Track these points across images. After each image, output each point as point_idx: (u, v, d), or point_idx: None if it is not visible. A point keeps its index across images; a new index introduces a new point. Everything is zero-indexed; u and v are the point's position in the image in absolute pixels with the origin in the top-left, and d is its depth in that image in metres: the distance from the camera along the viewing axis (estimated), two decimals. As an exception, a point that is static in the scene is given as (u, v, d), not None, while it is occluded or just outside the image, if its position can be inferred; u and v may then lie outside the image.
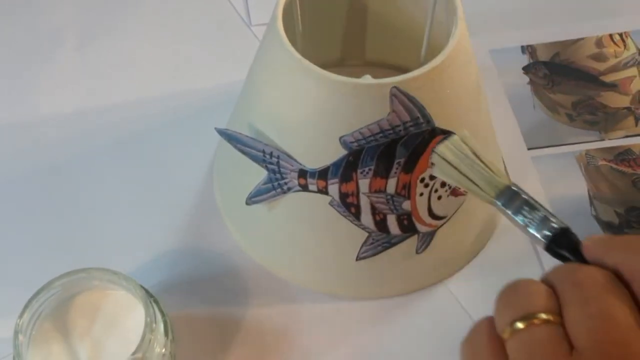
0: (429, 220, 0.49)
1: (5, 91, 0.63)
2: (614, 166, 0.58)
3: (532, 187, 0.57)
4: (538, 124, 0.61)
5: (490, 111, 0.61)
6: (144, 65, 0.64)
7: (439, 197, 0.48)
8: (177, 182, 0.58)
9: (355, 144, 0.45)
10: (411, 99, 0.44)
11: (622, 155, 0.59)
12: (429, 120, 0.45)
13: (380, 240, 0.49)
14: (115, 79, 0.63)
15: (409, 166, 0.46)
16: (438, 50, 0.46)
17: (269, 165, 0.48)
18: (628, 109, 0.61)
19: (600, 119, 0.61)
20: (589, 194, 0.57)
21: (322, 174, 0.47)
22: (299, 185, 0.48)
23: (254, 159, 0.48)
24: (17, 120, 0.61)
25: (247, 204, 0.50)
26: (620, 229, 0.55)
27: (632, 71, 0.64)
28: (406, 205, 0.48)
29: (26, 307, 0.45)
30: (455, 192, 0.49)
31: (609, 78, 0.63)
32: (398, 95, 0.44)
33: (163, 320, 0.47)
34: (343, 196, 0.47)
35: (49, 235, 0.55)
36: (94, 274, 0.46)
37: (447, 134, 0.46)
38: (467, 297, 0.53)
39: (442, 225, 0.50)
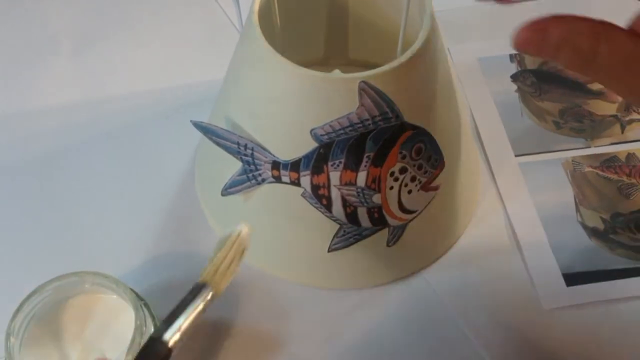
0: (399, 214, 0.50)
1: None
2: (600, 173, 0.59)
3: (520, 193, 0.58)
4: (525, 131, 0.62)
5: (479, 118, 0.62)
6: (136, 67, 0.65)
7: (409, 192, 0.49)
8: (167, 181, 0.58)
9: (326, 136, 0.46)
10: (379, 93, 0.45)
11: (608, 162, 0.60)
12: (397, 115, 0.46)
13: (351, 232, 0.50)
14: (108, 85, 0.64)
15: (379, 160, 0.47)
16: None
17: (243, 157, 0.49)
18: (614, 116, 0.62)
19: (587, 126, 0.62)
20: (575, 200, 0.58)
21: (294, 165, 0.48)
22: (273, 176, 0.49)
23: (229, 150, 0.49)
24: (6, 122, 0.62)
25: (222, 194, 0.51)
26: (605, 235, 0.56)
27: (619, 79, 0.64)
28: (376, 198, 0.49)
29: (18, 310, 0.46)
30: (425, 187, 0.50)
31: (595, 86, 0.64)
32: (366, 89, 0.44)
33: (153, 324, 0.47)
34: (315, 188, 0.48)
35: (41, 239, 0.56)
36: (85, 277, 0.47)
37: (416, 128, 0.47)
38: (444, 287, 0.54)
39: (413, 219, 0.51)
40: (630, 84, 0.38)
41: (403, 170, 0.48)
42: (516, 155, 0.60)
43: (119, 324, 0.47)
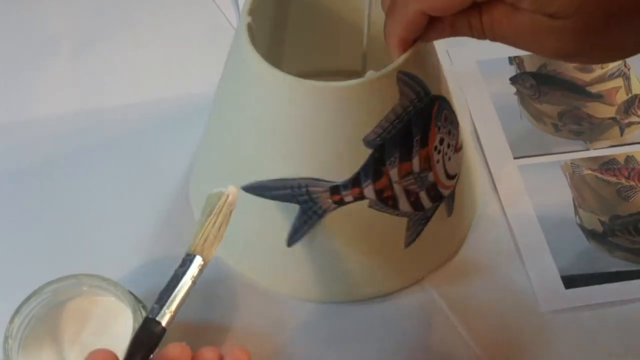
0: (447, 182, 0.51)
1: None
2: (599, 175, 0.59)
3: (519, 195, 0.58)
4: (524, 133, 0.62)
5: (478, 121, 0.62)
6: (136, 72, 0.65)
7: (450, 158, 0.51)
8: (165, 184, 0.58)
9: (378, 139, 0.46)
10: (413, 77, 0.46)
11: (607, 165, 0.60)
12: (426, 92, 0.47)
13: (418, 220, 0.51)
14: (108, 86, 0.64)
15: (424, 140, 0.48)
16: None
17: (299, 198, 0.48)
18: (613, 119, 0.62)
19: (586, 129, 0.62)
20: (574, 202, 0.58)
21: (355, 181, 0.47)
22: (334, 202, 0.48)
23: (284, 199, 0.48)
24: (4, 124, 0.62)
25: (288, 246, 0.50)
26: (604, 237, 0.56)
27: (618, 82, 0.64)
28: (430, 177, 0.49)
29: (16, 312, 0.46)
30: (456, 149, 0.52)
31: (594, 89, 0.64)
32: (403, 78, 0.45)
33: (151, 326, 0.47)
34: (379, 193, 0.48)
35: (40, 242, 0.56)
36: (83, 280, 0.47)
37: (439, 98, 0.48)
38: (442, 291, 0.54)
39: (456, 183, 0.52)
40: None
41: (441, 141, 0.49)
42: (515, 158, 0.60)
43: (117, 326, 0.47)
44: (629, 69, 0.65)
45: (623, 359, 0.51)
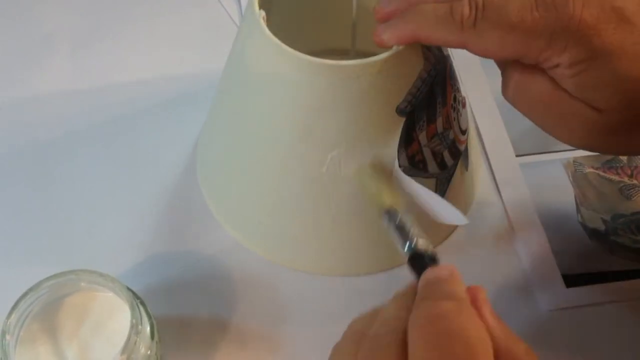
0: (462, 137, 0.53)
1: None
2: (602, 174, 0.59)
3: (520, 193, 0.58)
4: (526, 131, 0.61)
5: (480, 118, 0.62)
6: (134, 61, 0.65)
7: (461, 114, 0.52)
8: (165, 177, 0.58)
9: (409, 106, 0.47)
10: None
11: (610, 163, 0.59)
12: (442, 52, 0.48)
13: (444, 179, 0.52)
14: (109, 80, 0.64)
15: (444, 99, 0.49)
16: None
17: None
18: (616, 117, 0.62)
19: (589, 126, 0.61)
20: (576, 200, 0.58)
21: None
22: None
23: None
24: (3, 116, 0.62)
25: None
26: (606, 236, 0.56)
27: (622, 79, 0.64)
28: (451, 134, 0.51)
29: (14, 307, 0.45)
30: (464, 104, 0.53)
31: (598, 86, 0.63)
32: None
33: (149, 322, 0.47)
34: (411, 159, 0.49)
35: (38, 237, 0.55)
36: (81, 275, 0.47)
37: (448, 57, 0.50)
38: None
39: (467, 138, 0.54)
40: None
41: (454, 98, 0.50)
42: (517, 156, 0.60)
43: (115, 322, 0.47)
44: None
45: (624, 359, 0.51)
